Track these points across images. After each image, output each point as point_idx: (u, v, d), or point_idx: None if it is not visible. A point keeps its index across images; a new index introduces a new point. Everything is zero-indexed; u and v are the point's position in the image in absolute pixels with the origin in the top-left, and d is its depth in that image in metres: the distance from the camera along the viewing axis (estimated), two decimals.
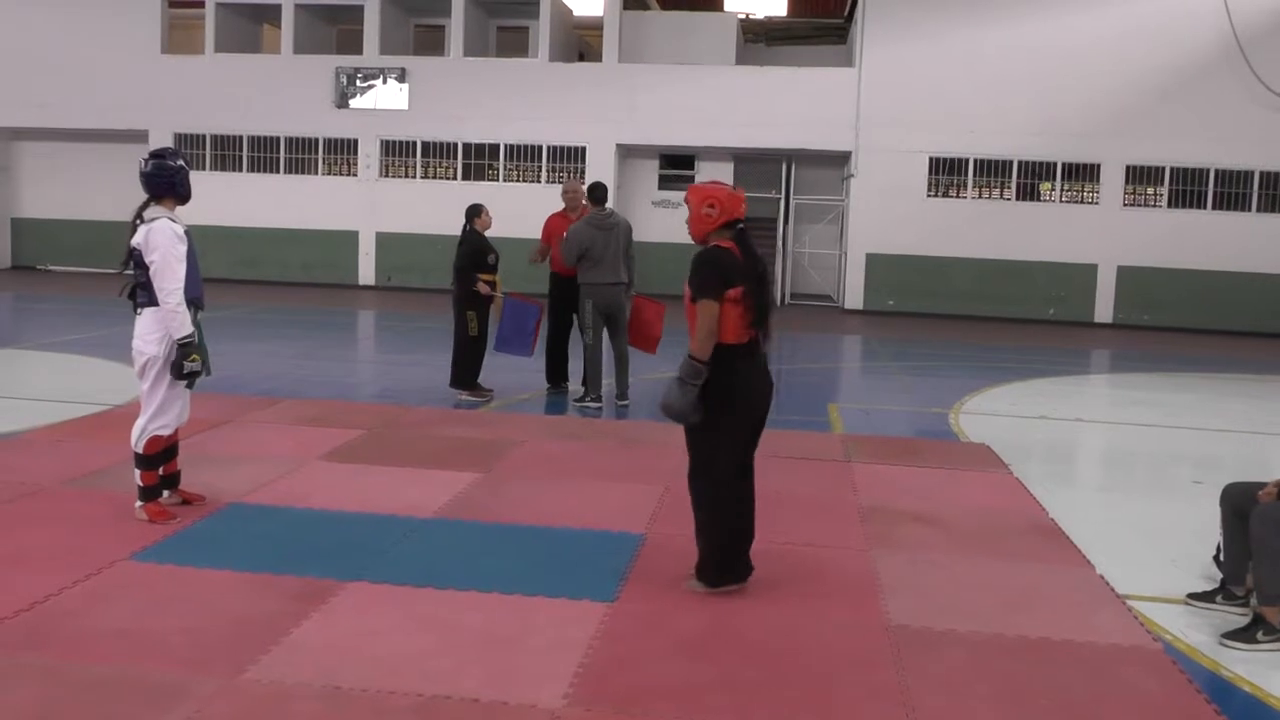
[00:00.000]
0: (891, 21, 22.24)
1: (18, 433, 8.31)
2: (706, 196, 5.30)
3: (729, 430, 5.21)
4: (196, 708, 3.94)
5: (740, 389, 5.17)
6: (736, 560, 5.33)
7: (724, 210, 5.26)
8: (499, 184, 23.62)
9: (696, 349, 5.03)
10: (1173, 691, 4.42)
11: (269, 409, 9.56)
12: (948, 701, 4.24)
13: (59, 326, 16.22)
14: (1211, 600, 5.40)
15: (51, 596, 4.91)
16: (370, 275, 24.34)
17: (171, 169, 6.10)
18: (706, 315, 5.05)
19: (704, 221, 5.30)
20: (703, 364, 5.03)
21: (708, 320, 5.04)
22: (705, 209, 5.28)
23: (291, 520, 6.33)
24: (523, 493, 7.09)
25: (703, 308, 5.06)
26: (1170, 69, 21.47)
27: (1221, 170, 21.74)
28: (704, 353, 5.03)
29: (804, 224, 24.96)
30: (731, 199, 5.31)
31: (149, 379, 6.10)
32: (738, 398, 5.16)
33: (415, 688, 4.15)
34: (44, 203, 26.23)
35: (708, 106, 22.68)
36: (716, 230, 5.29)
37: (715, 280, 5.10)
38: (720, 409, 5.12)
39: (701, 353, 5.03)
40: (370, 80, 23.81)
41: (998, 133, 22.04)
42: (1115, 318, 22.12)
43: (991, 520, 6.84)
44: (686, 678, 4.36)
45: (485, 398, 10.59)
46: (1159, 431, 10.62)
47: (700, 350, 5.03)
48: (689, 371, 5.02)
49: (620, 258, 10.23)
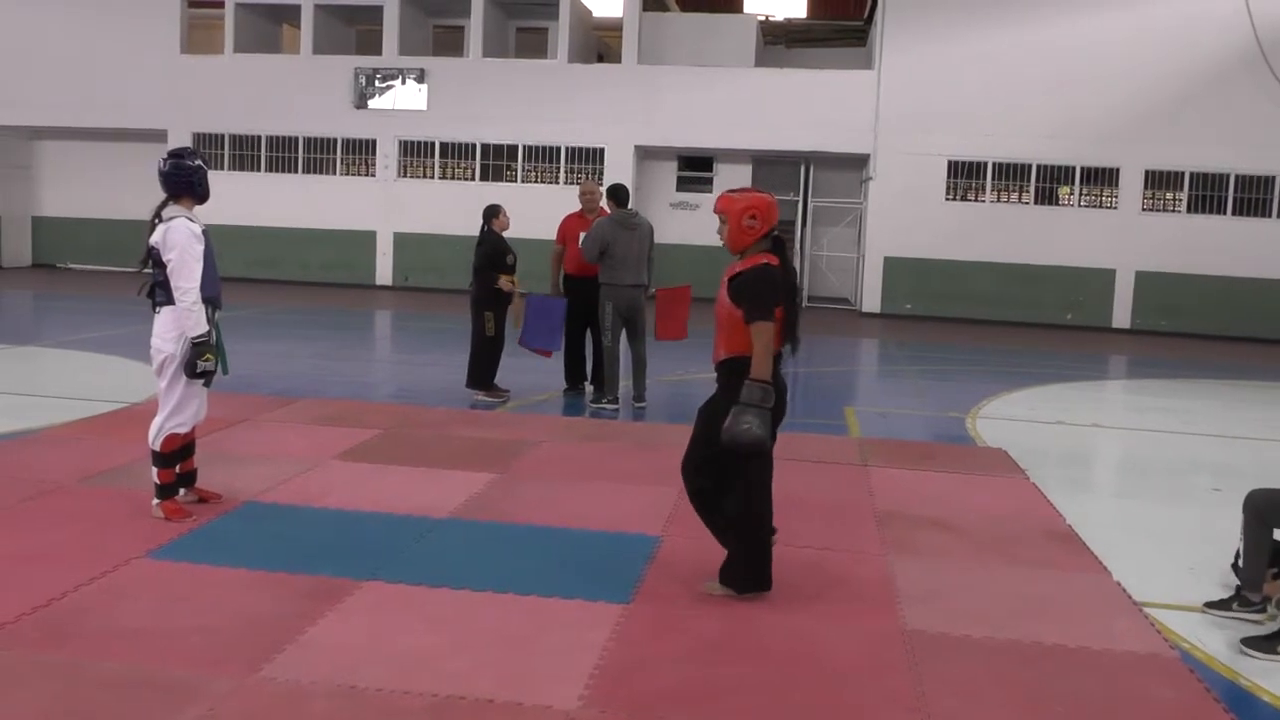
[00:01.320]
0: (911, 24, 22.18)
1: (36, 430, 8.35)
2: (747, 207, 5.12)
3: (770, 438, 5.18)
4: (211, 706, 3.95)
5: (781, 397, 5.14)
6: (767, 567, 5.30)
7: (765, 220, 5.14)
8: (517, 185, 23.62)
9: (760, 372, 4.91)
10: (1189, 700, 4.40)
11: (285, 408, 9.58)
12: (963, 707, 4.22)
13: (78, 325, 16.29)
14: (1228, 608, 5.36)
15: (68, 594, 4.93)
16: (388, 275, 24.38)
17: (189, 168, 6.13)
18: (766, 337, 4.94)
19: (746, 234, 5.15)
20: (770, 385, 4.93)
21: (766, 341, 4.94)
22: (747, 221, 5.12)
23: (307, 519, 6.34)
24: (539, 494, 7.09)
25: (761, 330, 4.94)
26: (1190, 73, 21.35)
27: (1242, 175, 21.62)
28: (768, 374, 4.93)
29: (822, 226, 24.91)
30: (772, 208, 5.18)
31: (166, 377, 6.12)
32: (779, 406, 5.13)
33: (430, 688, 4.16)
34: (64, 202, 26.36)
35: (727, 108, 22.66)
36: (756, 242, 5.18)
37: (769, 297, 5.00)
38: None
39: (766, 374, 4.92)
40: (389, 81, 23.85)
41: (1016, 136, 21.96)
42: (1133, 323, 22.02)
43: (1008, 526, 6.81)
44: (702, 681, 4.35)
45: (502, 398, 10.59)
46: (1177, 438, 10.56)
47: (765, 372, 4.92)
48: (760, 396, 4.88)
49: (643, 259, 10.22)
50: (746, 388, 4.90)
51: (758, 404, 4.88)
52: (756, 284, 5.03)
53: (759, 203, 5.14)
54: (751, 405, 4.88)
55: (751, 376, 4.92)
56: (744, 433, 4.86)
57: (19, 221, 26.33)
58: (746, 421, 4.86)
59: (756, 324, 4.96)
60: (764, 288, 5.01)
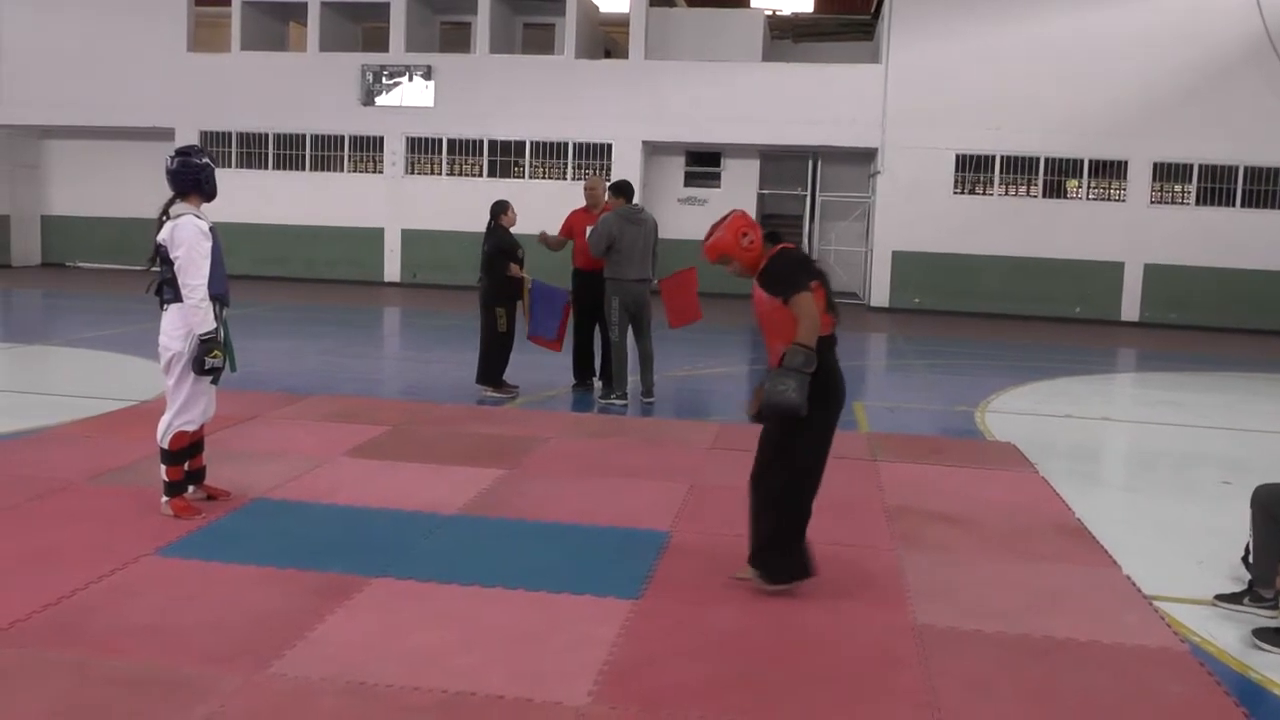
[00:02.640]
0: (918, 18, 22.14)
1: (45, 428, 8.36)
2: (735, 233, 5.20)
3: (823, 421, 5.19)
4: (220, 703, 3.95)
5: (834, 379, 5.17)
6: (804, 556, 5.29)
7: (752, 228, 5.23)
8: (525, 181, 23.62)
9: (805, 338, 4.93)
10: (1200, 693, 4.38)
11: (294, 405, 9.59)
12: (974, 702, 4.22)
13: (87, 323, 16.33)
14: (1239, 602, 5.34)
15: (77, 591, 4.94)
16: (396, 272, 24.39)
17: (197, 166, 6.14)
18: (807, 305, 4.98)
19: (751, 251, 5.22)
20: (813, 351, 4.94)
21: (810, 310, 4.97)
22: (744, 242, 5.20)
23: (316, 516, 6.35)
24: (547, 490, 7.09)
25: (801, 301, 4.98)
26: (1198, 65, 21.28)
27: (1251, 168, 21.54)
28: (813, 340, 4.94)
29: (830, 221, 24.87)
30: (747, 217, 5.31)
31: (174, 374, 6.13)
32: (832, 387, 5.15)
33: (439, 684, 4.16)
34: (73, 200, 26.41)
35: (734, 103, 22.62)
36: (763, 249, 5.26)
37: (798, 272, 5.10)
38: (816, 401, 5.03)
39: (811, 340, 4.94)
40: (396, 78, 23.85)
41: (1024, 130, 21.91)
42: (1142, 316, 21.96)
43: (1018, 520, 6.80)
44: (711, 676, 4.34)
45: (510, 394, 10.60)
46: (1186, 431, 10.53)
47: (810, 338, 4.93)
48: (802, 360, 4.88)
49: (648, 254, 10.24)
50: (789, 352, 4.92)
51: (798, 369, 4.89)
52: (782, 267, 5.16)
53: (736, 223, 5.25)
54: (792, 370, 4.89)
55: (798, 341, 4.93)
56: (781, 395, 4.88)
57: (28, 220, 26.38)
58: (784, 384, 4.88)
59: (794, 299, 5.01)
60: (789, 265, 5.16)
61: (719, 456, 8.22)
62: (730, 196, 23.50)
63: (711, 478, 7.54)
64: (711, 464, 7.98)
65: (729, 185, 24.35)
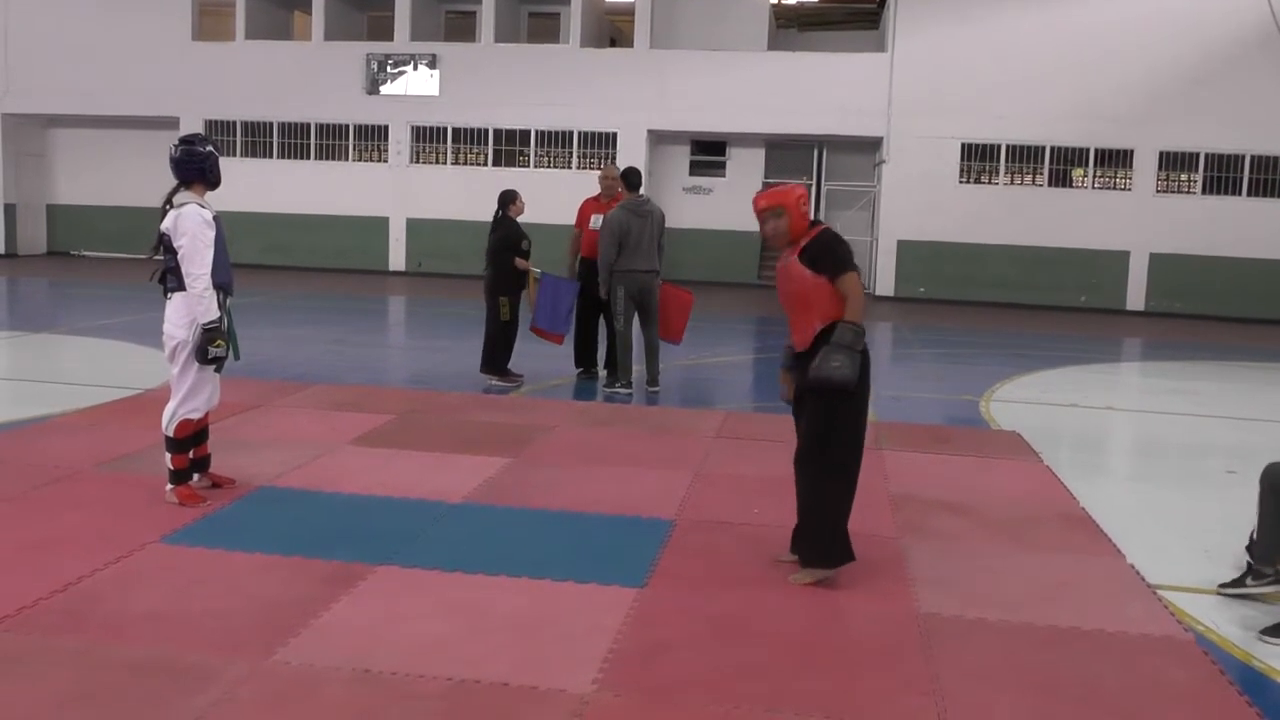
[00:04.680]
0: (924, 7, 22.10)
1: (51, 416, 8.38)
2: (799, 197, 5.33)
3: (863, 397, 5.25)
4: (226, 690, 3.96)
5: (868, 360, 5.22)
6: (848, 539, 5.29)
7: (809, 202, 5.43)
8: (530, 170, 23.63)
9: (855, 315, 5.05)
10: (1204, 682, 4.38)
11: (299, 394, 9.60)
12: (978, 690, 4.22)
13: (93, 311, 16.36)
14: (1241, 584, 5.33)
15: (84, 579, 4.95)
16: (401, 261, 24.42)
17: (201, 154, 6.13)
18: (855, 285, 5.11)
19: (805, 219, 5.33)
20: (863, 329, 5.07)
21: (858, 289, 5.11)
22: (803, 207, 5.32)
23: (321, 504, 6.36)
24: (552, 478, 7.09)
25: (850, 280, 5.10)
26: (1205, 53, 21.23)
27: (1257, 156, 21.51)
28: (861, 318, 5.07)
29: (835, 210, 24.87)
30: (806, 190, 5.48)
31: (178, 363, 6.13)
32: (868, 367, 5.20)
33: (444, 672, 4.16)
34: (78, 189, 26.46)
35: (739, 92, 22.60)
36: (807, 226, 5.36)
37: (849, 252, 5.22)
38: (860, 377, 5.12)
39: (859, 318, 5.06)
40: (401, 66, 23.85)
41: (1030, 119, 21.88)
42: (1147, 305, 21.95)
43: (1022, 509, 6.80)
44: (716, 664, 4.35)
45: (515, 383, 10.60)
46: (1191, 420, 10.53)
47: (859, 316, 5.07)
48: (852, 337, 5.00)
49: (654, 245, 10.22)
50: (839, 329, 5.02)
51: (849, 345, 4.98)
52: (832, 243, 5.22)
53: (799, 189, 5.39)
54: (843, 346, 4.98)
55: (848, 318, 5.04)
56: (834, 370, 4.96)
57: (34, 209, 26.44)
58: (837, 359, 4.97)
59: (843, 277, 5.11)
60: (840, 244, 5.24)
61: (724, 445, 8.23)
62: (735, 186, 23.53)
63: (716, 466, 7.54)
64: (716, 452, 7.99)
65: (734, 174, 24.35)
